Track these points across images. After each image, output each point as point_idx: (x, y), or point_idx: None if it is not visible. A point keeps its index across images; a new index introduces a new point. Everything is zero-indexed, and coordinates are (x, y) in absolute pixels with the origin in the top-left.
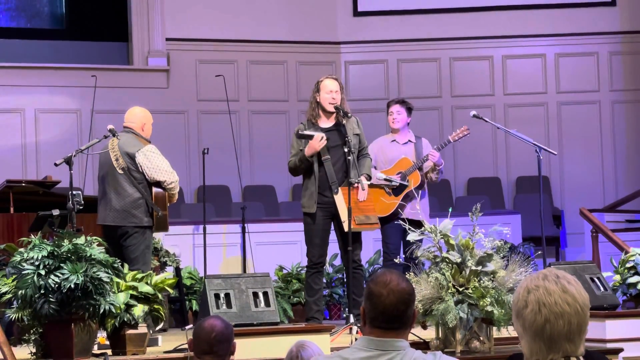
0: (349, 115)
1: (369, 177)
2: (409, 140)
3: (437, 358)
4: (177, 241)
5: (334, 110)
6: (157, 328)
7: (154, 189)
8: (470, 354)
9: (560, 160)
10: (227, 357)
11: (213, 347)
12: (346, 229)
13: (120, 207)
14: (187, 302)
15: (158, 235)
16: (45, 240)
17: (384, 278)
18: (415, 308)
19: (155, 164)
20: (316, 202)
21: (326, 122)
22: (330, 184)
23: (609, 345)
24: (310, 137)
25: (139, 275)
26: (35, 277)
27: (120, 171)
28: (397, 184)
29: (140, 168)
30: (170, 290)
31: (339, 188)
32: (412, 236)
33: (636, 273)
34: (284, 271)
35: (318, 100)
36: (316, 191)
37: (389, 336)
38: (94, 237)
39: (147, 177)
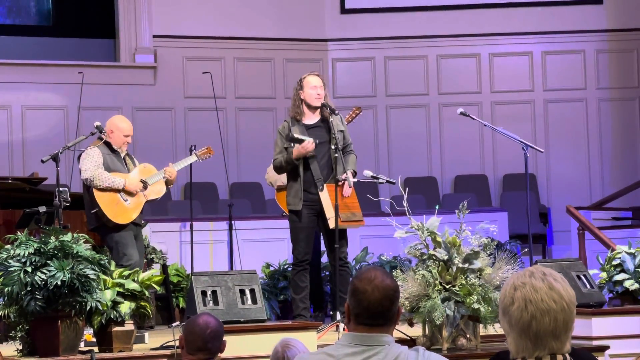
0: (336, 112)
1: (355, 173)
2: None
3: (421, 354)
4: (164, 238)
5: (319, 105)
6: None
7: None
8: (457, 351)
9: (547, 158)
10: (217, 354)
11: (207, 343)
12: (331, 225)
13: (87, 212)
14: (174, 299)
15: (144, 232)
16: (32, 237)
17: (368, 275)
18: (400, 305)
19: (81, 165)
20: (302, 200)
21: (311, 119)
22: (315, 181)
23: (595, 343)
24: (300, 141)
25: (126, 273)
26: (21, 274)
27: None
28: (384, 181)
29: None
30: (157, 288)
31: (324, 185)
32: (398, 233)
33: (622, 271)
34: (271, 268)
35: (302, 97)
36: (301, 189)
37: (373, 332)
38: (81, 234)
39: None
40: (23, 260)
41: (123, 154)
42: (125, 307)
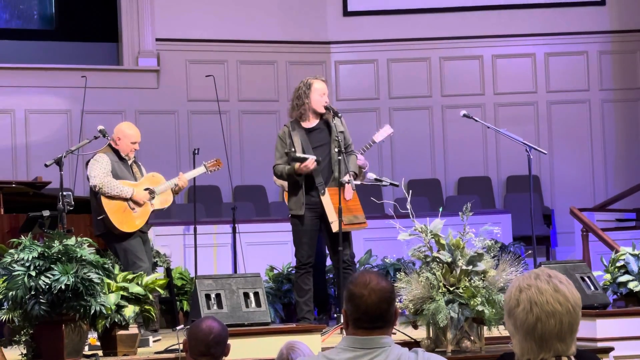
0: (339, 115)
1: (356, 175)
2: None
3: (420, 355)
4: (168, 241)
5: (324, 111)
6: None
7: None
8: (461, 353)
9: (550, 160)
10: (221, 358)
11: (210, 348)
12: (334, 229)
13: (94, 218)
14: (177, 303)
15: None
16: (36, 241)
17: (363, 278)
18: (404, 307)
19: (90, 172)
20: (304, 204)
21: (312, 122)
22: (317, 185)
23: (600, 345)
24: (304, 159)
25: (130, 276)
26: (25, 278)
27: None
28: (388, 184)
29: None
30: (161, 291)
31: (326, 189)
32: (402, 236)
33: (626, 272)
34: (275, 271)
35: (309, 102)
36: (303, 193)
37: (373, 335)
38: (85, 238)
39: None
40: (27, 264)
41: (130, 161)
42: (130, 310)
